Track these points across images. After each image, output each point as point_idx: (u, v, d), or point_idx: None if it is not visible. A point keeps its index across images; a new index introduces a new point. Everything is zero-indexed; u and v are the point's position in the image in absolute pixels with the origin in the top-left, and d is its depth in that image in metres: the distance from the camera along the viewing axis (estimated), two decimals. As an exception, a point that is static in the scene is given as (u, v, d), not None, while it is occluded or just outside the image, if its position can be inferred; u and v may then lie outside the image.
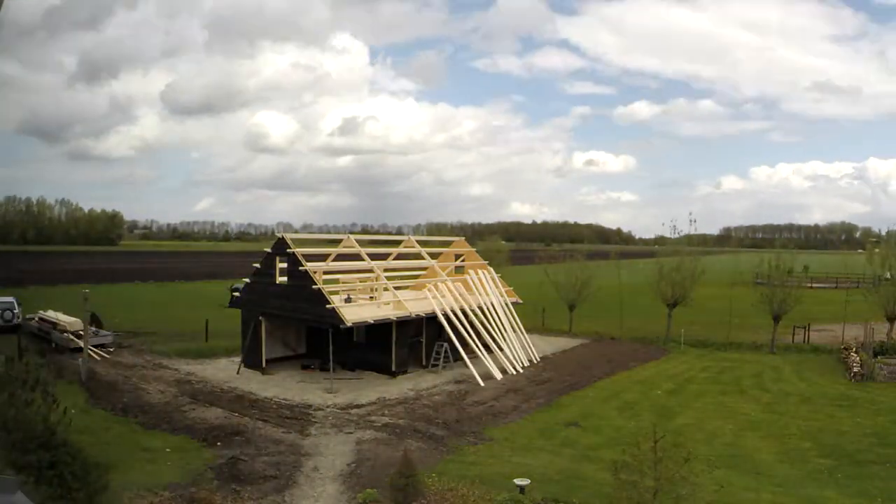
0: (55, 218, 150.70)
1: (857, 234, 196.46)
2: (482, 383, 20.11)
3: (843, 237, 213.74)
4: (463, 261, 27.31)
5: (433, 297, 22.40)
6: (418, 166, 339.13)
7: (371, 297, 23.24)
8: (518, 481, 10.88)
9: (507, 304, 24.97)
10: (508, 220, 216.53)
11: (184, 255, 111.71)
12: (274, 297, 21.19)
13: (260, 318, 21.31)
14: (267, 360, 21.54)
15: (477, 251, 28.68)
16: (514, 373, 22.00)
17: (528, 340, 24.59)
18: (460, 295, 23.47)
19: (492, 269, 26.71)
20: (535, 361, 23.82)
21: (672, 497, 8.83)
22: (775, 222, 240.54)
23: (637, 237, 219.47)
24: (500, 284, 25.94)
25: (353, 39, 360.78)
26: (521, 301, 26.91)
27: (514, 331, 24.26)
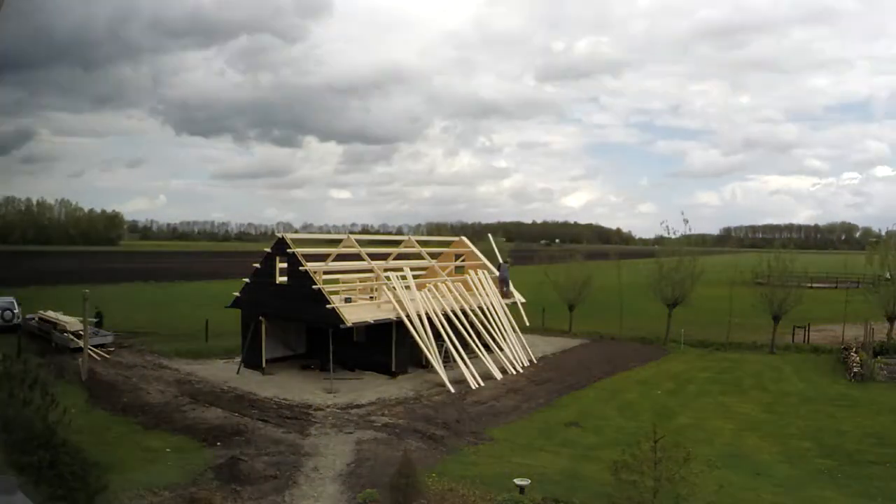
0: (55, 218, 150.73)
1: (857, 234, 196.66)
2: (482, 383, 20.12)
3: (842, 237, 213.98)
4: (463, 261, 27.31)
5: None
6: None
7: (371, 298, 23.22)
8: (518, 481, 10.88)
9: (503, 305, 24.90)
10: (508, 220, 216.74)
11: (184, 255, 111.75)
12: (274, 298, 21.18)
13: (260, 318, 21.31)
14: (267, 360, 21.54)
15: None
16: (514, 373, 22.01)
17: (524, 341, 24.54)
18: (460, 295, 23.48)
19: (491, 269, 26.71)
20: (534, 362, 23.81)
21: (672, 497, 8.84)
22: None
23: (637, 237, 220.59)
24: (497, 284, 25.89)
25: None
26: (521, 301, 26.83)
27: (515, 331, 24.25)
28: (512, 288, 26.40)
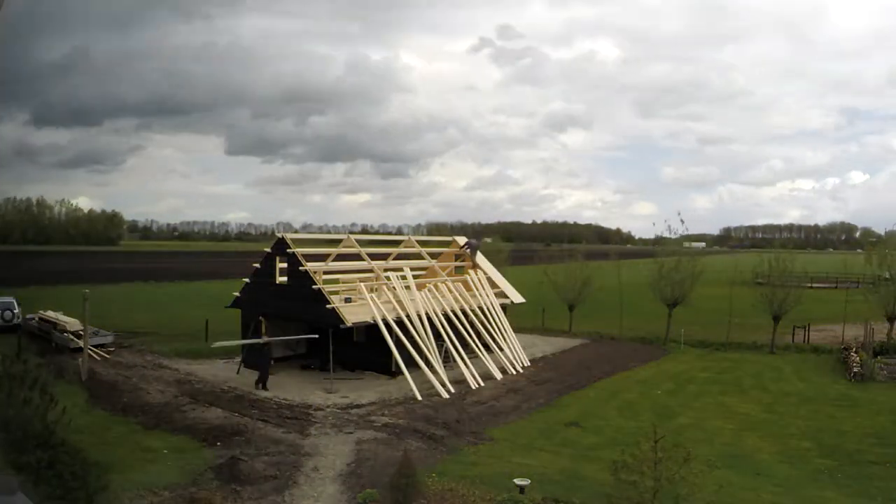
0: (55, 218, 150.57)
1: (857, 234, 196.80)
2: (482, 383, 20.12)
3: (843, 237, 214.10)
4: (463, 261, 27.24)
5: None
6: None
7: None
8: (518, 481, 10.88)
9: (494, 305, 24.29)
10: (508, 220, 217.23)
11: (184, 255, 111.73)
12: (274, 298, 21.18)
13: (260, 318, 21.30)
14: (267, 360, 21.51)
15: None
16: (514, 373, 22.00)
17: (518, 343, 24.22)
18: (460, 295, 23.46)
19: (484, 270, 26.39)
20: (526, 365, 23.55)
21: (672, 497, 8.84)
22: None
23: (637, 237, 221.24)
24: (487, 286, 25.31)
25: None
26: (513, 301, 26.33)
27: (509, 332, 24.04)
28: (479, 258, 26.96)
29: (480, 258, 27.65)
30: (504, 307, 25.28)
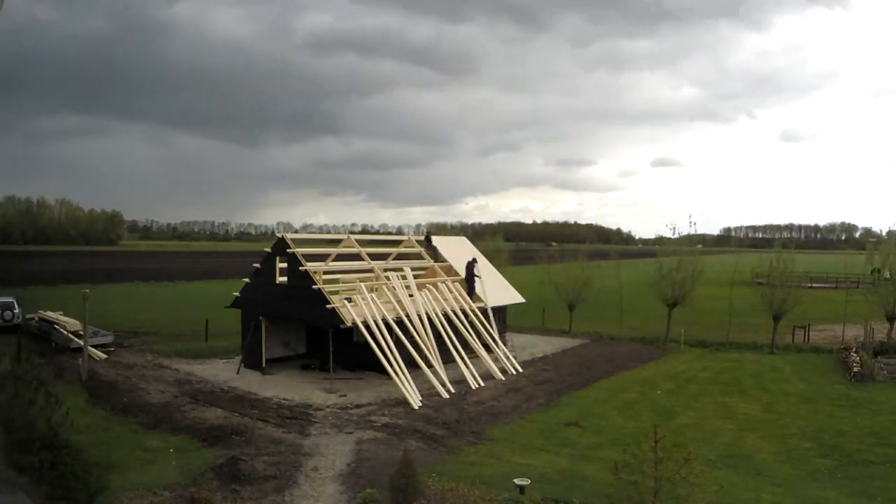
0: (55, 218, 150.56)
1: (857, 234, 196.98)
2: (482, 383, 20.12)
3: (843, 237, 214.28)
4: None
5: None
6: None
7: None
8: (518, 481, 10.88)
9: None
10: (509, 220, 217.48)
11: (184, 255, 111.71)
12: (274, 298, 21.18)
13: (260, 318, 21.31)
14: (267, 360, 21.55)
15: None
16: (515, 373, 22.01)
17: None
18: (460, 295, 23.45)
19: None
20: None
21: (672, 497, 8.85)
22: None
23: (637, 237, 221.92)
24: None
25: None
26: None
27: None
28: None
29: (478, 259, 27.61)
30: (498, 309, 25.22)
